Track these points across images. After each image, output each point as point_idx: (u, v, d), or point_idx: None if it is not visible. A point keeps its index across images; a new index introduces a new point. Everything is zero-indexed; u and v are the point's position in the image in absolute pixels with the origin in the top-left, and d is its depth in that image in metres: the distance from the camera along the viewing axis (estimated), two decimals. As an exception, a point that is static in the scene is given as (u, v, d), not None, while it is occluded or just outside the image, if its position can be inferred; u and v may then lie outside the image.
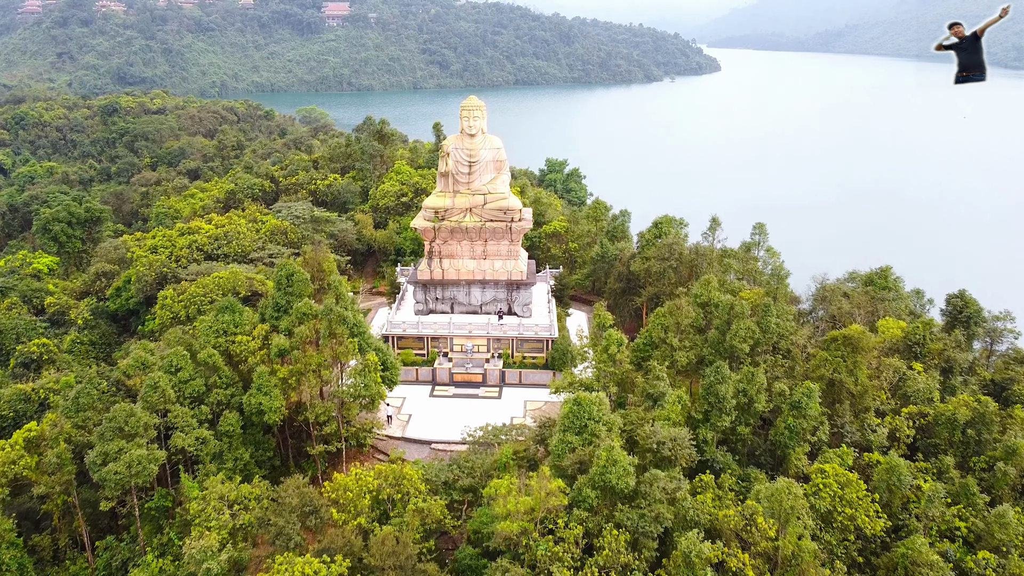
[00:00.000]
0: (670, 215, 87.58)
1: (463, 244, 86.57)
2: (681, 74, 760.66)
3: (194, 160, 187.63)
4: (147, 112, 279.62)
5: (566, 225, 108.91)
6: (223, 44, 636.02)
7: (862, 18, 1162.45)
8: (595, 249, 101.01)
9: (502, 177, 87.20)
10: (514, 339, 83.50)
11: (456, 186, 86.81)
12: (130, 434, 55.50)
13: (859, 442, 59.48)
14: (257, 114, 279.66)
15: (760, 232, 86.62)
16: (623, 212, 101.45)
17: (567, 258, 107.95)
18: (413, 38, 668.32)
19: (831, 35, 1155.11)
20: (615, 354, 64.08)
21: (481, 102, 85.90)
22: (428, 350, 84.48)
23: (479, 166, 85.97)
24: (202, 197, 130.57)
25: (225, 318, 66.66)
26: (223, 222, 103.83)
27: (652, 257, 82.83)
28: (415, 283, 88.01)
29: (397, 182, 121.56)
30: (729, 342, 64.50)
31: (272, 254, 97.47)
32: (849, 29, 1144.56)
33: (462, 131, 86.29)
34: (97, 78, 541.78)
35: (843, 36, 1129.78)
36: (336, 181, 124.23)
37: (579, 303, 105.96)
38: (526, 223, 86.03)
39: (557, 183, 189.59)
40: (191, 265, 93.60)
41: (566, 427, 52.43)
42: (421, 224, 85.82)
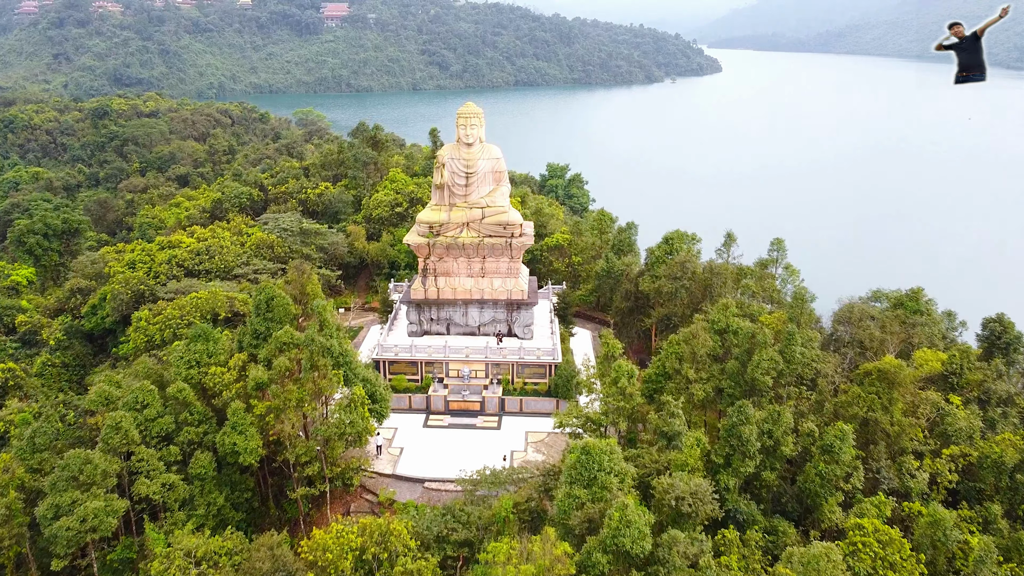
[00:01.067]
0: (681, 230, 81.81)
1: (460, 261, 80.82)
2: (682, 75, 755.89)
3: (184, 165, 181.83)
4: (140, 115, 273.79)
5: (569, 238, 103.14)
6: (221, 45, 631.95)
7: (863, 18, 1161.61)
8: (600, 264, 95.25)
9: (501, 189, 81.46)
10: (514, 364, 77.73)
11: (452, 199, 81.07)
12: (86, 483, 49.76)
13: (897, 489, 53.71)
14: (252, 117, 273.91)
15: (778, 248, 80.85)
16: (630, 225, 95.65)
17: (570, 272, 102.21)
18: (412, 39, 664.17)
19: (832, 35, 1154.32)
20: (625, 387, 58.35)
21: (479, 109, 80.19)
22: (422, 375, 78.72)
23: (477, 177, 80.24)
24: (188, 206, 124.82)
25: (198, 347, 60.88)
26: (205, 235, 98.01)
27: (663, 276, 77.06)
28: (408, 303, 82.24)
29: (391, 191, 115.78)
30: (750, 374, 58.78)
31: (257, 270, 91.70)
32: (850, 29, 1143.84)
33: (458, 140, 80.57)
34: (93, 79, 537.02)
35: (844, 36, 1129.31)
36: (328, 190, 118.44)
37: (583, 320, 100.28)
38: (527, 239, 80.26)
39: (558, 189, 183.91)
40: (170, 282, 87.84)
41: (573, 479, 46.65)
42: (415, 240, 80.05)
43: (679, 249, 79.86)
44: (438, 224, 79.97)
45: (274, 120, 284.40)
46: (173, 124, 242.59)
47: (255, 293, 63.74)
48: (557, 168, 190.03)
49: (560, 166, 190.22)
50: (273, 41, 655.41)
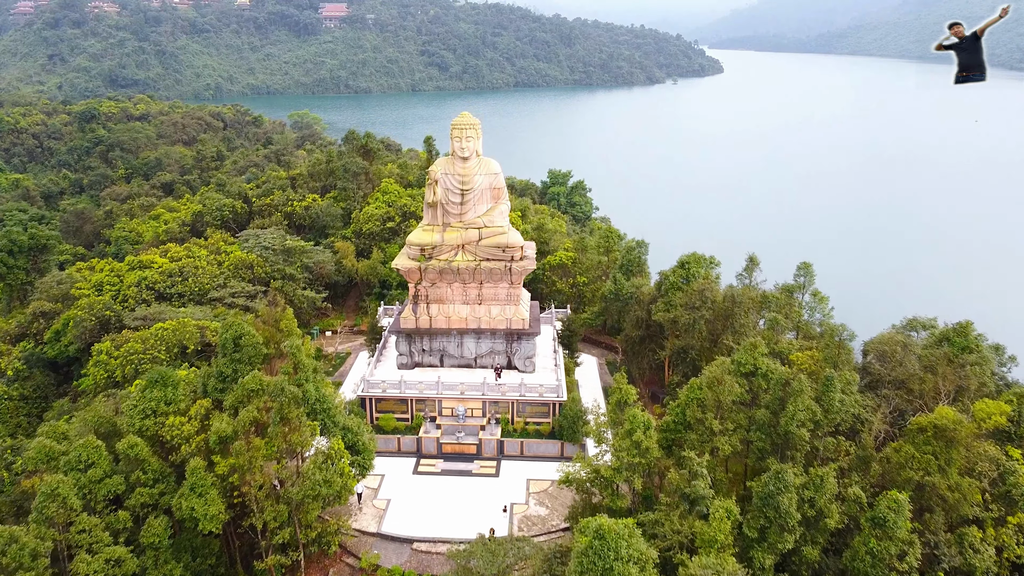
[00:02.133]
0: (698, 252, 74.34)
1: (454, 287, 73.40)
2: (683, 76, 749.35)
3: (170, 172, 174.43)
4: (130, 118, 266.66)
5: (573, 255, 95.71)
6: (218, 46, 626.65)
7: (864, 19, 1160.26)
8: (607, 285, 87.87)
9: (500, 207, 74.04)
10: (514, 402, 70.30)
11: (446, 218, 73.67)
12: (10, 567, 42.39)
13: (959, 568, 46.30)
14: (245, 120, 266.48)
15: (805, 273, 73.44)
16: (639, 243, 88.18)
17: (574, 293, 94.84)
18: (412, 40, 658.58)
19: (833, 36, 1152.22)
20: (641, 441, 50.95)
21: (475, 119, 72.79)
22: (412, 414, 71.28)
23: (473, 195, 72.83)
24: (168, 219, 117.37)
25: (155, 394, 53.44)
26: (180, 254, 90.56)
27: (679, 305, 69.64)
28: (398, 332, 74.80)
29: (383, 203, 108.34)
30: (784, 427, 51.38)
31: (235, 293, 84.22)
32: (851, 30, 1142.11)
33: (453, 153, 73.17)
34: (88, 81, 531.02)
35: (845, 37, 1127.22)
36: (315, 203, 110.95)
37: (589, 344, 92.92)
38: (528, 263, 72.82)
39: (560, 197, 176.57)
40: (139, 307, 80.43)
41: (584, 568, 39.20)
42: (404, 264, 72.61)
43: (696, 274, 72.45)
44: (430, 246, 72.56)
45: (268, 123, 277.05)
46: (163, 128, 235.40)
47: (221, 330, 56.35)
48: (559, 175, 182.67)
49: (562, 173, 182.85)
50: (271, 42, 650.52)
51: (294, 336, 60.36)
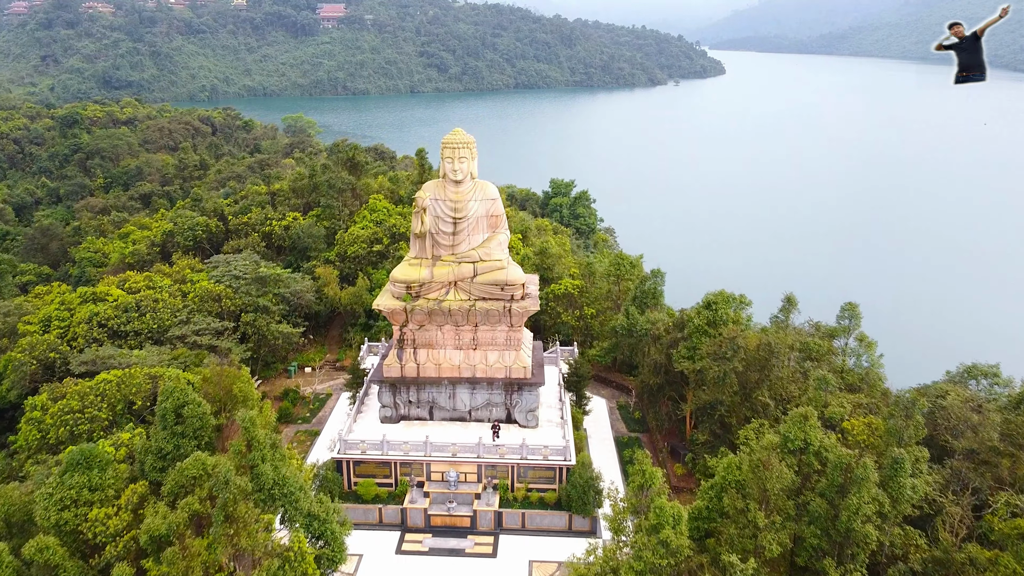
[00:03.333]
0: (726, 291, 64.63)
1: (445, 330, 63.70)
2: (685, 77, 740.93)
3: (151, 182, 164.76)
4: (116, 123, 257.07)
5: (580, 284, 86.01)
6: (214, 46, 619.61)
7: (865, 20, 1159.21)
8: (619, 319, 78.25)
9: (498, 238, 64.31)
10: (515, 466, 60.60)
11: (437, 250, 63.95)
12: None
13: None
14: (235, 125, 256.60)
15: (851, 315, 63.74)
16: (655, 272, 78.39)
17: (581, 326, 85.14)
18: (410, 40, 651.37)
19: (834, 37, 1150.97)
20: (669, 539, 41.35)
21: (469, 137, 63.05)
22: (396, 479, 61.58)
23: (467, 224, 63.14)
24: (138, 238, 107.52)
25: (76, 479, 43.80)
26: (139, 284, 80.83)
27: (707, 355, 59.96)
28: (380, 382, 65.07)
29: (371, 223, 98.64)
30: (845, 523, 41.81)
31: (199, 330, 74.44)
32: (853, 31, 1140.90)
33: (444, 176, 63.45)
34: (81, 82, 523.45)
35: (847, 39, 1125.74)
36: (296, 222, 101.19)
37: (598, 384, 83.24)
38: (531, 302, 63.06)
39: (563, 208, 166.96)
40: (89, 348, 70.70)
41: None
42: (388, 304, 62.85)
43: (723, 316, 62.73)
44: (417, 283, 62.81)
45: (259, 128, 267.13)
46: (148, 133, 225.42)
47: (161, 397, 46.69)
48: (561, 184, 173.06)
49: (565, 182, 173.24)
50: (268, 43, 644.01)
51: (252, 402, 50.67)
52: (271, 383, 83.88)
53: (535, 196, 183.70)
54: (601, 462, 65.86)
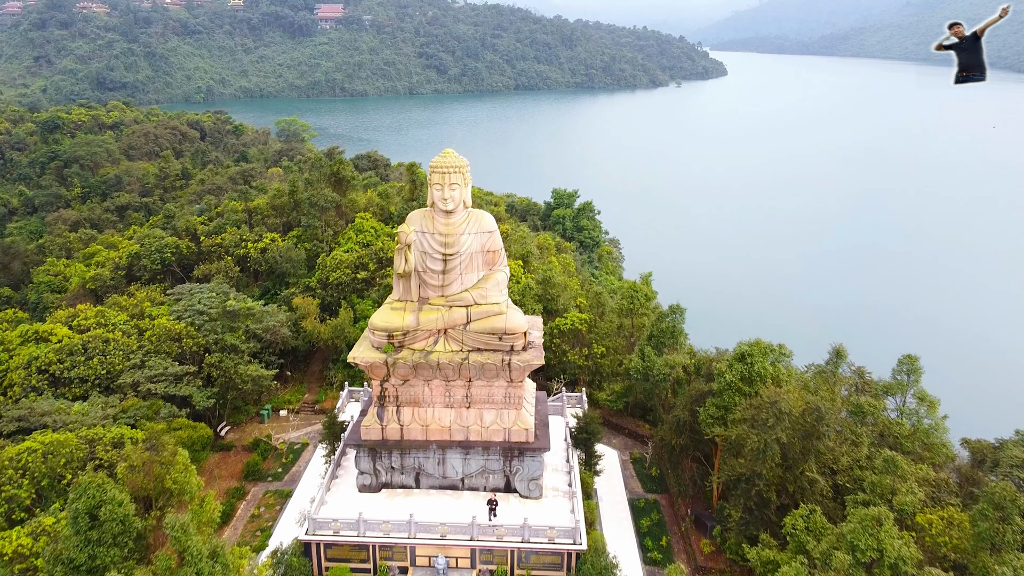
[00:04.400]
0: (762, 339, 55.36)
1: (434, 386, 54.38)
2: (687, 79, 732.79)
3: (130, 192, 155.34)
4: (101, 127, 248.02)
5: (588, 317, 76.65)
6: (210, 47, 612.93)
7: (866, 21, 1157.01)
8: (633, 360, 69.07)
9: (496, 276, 54.93)
10: (515, 550, 51.31)
11: (424, 291, 54.64)
12: None
13: None
14: (225, 129, 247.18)
15: (909, 369, 54.55)
16: (673, 308, 69.09)
17: (590, 366, 75.80)
18: (409, 41, 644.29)
19: (836, 38, 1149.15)
20: None
21: (462, 159, 53.79)
22: (375, 564, 52.26)
23: (459, 261, 53.81)
24: (102, 259, 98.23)
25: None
26: (89, 321, 71.52)
27: (742, 419, 50.70)
28: (358, 445, 55.72)
29: (356, 245, 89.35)
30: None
31: (154, 376, 65.13)
32: (854, 32, 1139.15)
33: (432, 205, 54.13)
34: (75, 83, 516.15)
35: (848, 40, 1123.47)
36: (275, 243, 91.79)
37: (609, 430, 73.88)
38: (534, 354, 53.68)
39: (566, 220, 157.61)
40: (25, 398, 61.39)
41: None
42: (366, 357, 53.49)
43: (760, 372, 53.34)
44: (400, 332, 53.46)
45: (250, 133, 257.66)
46: (133, 139, 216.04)
47: (72, 496, 37.42)
48: (564, 195, 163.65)
49: (568, 193, 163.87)
50: (265, 43, 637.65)
51: (190, 494, 41.18)
52: (241, 430, 74.60)
53: (536, 207, 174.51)
54: (615, 535, 56.67)
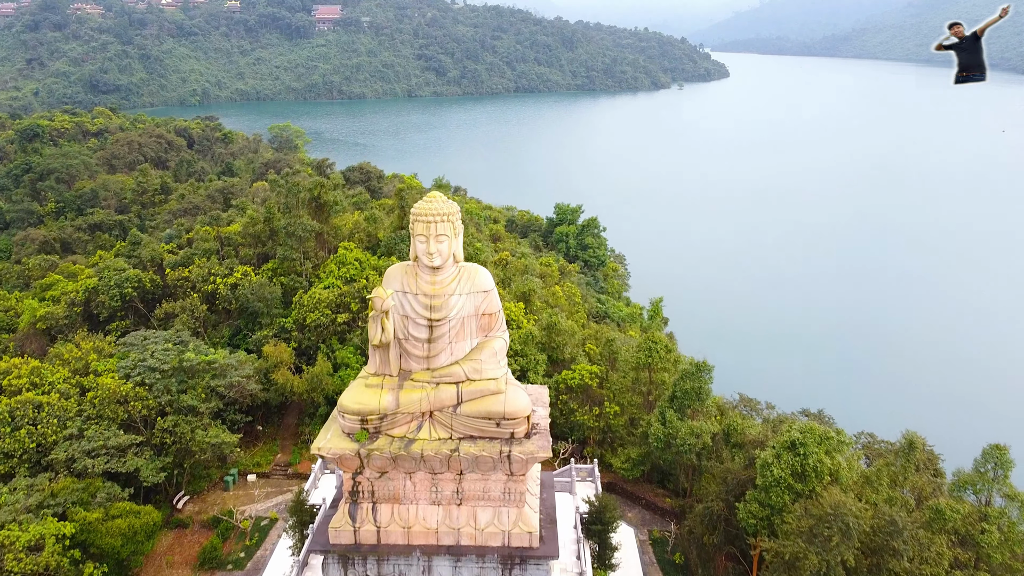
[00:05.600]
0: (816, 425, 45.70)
1: (417, 479, 44.68)
2: (689, 80, 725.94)
3: (105, 209, 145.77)
4: (85, 134, 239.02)
5: (599, 370, 67.11)
6: (206, 49, 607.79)
7: (868, 22, 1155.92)
8: (652, 423, 59.59)
9: (493, 345, 45.10)
10: None
11: (406, 362, 44.88)
12: None
13: None
14: (214, 137, 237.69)
15: (998, 460, 45.05)
16: (699, 366, 59.45)
17: (601, 427, 66.26)
18: (408, 43, 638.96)
19: (837, 39, 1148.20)
20: None
21: (451, 205, 43.60)
22: None
23: (448, 327, 44.03)
24: (58, 292, 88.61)
25: None
26: (22, 380, 61.84)
27: (797, 531, 41.21)
28: (326, 551, 46.05)
29: (338, 280, 79.85)
30: None
31: (93, 450, 55.55)
32: (856, 33, 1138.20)
33: (415, 260, 44.25)
34: (67, 86, 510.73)
35: (850, 40, 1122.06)
36: (247, 278, 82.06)
37: (624, 501, 64.44)
38: (539, 443, 43.90)
39: (569, 239, 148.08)
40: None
41: None
42: (335, 449, 43.69)
43: (817, 467, 43.82)
44: (376, 415, 43.66)
45: (240, 140, 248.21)
46: (116, 148, 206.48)
47: None
48: (567, 211, 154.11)
49: (571, 208, 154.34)
50: (262, 45, 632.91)
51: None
52: (202, 500, 65.06)
53: (538, 222, 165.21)
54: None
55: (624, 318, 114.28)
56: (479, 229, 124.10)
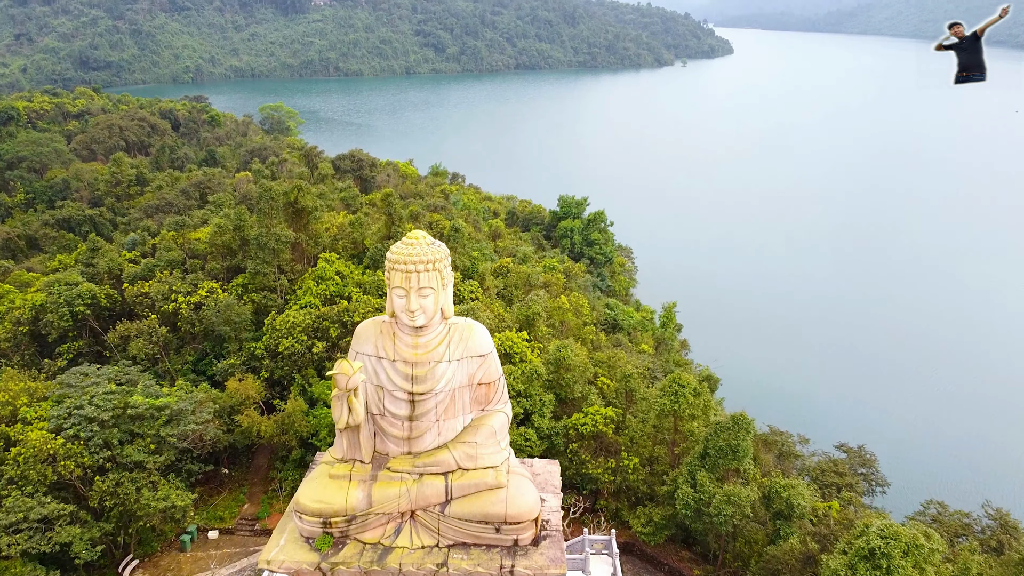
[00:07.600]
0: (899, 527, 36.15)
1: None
2: (693, 57, 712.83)
3: (77, 201, 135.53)
4: (66, 116, 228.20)
5: (614, 414, 57.70)
6: (199, 25, 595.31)
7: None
8: (679, 483, 50.37)
9: (491, 424, 35.67)
10: None
11: (382, 445, 35.53)
12: None
13: None
14: (200, 119, 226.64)
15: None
16: (736, 419, 50.12)
17: (617, 482, 56.99)
18: (406, 19, 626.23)
19: (842, 15, 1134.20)
20: None
21: (438, 250, 33.66)
22: None
23: (435, 402, 34.57)
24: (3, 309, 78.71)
25: None
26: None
27: None
28: None
29: (316, 298, 70.28)
30: None
31: (11, 525, 46.33)
32: (861, 9, 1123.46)
33: (392, 316, 34.61)
34: (56, 63, 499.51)
35: (855, 16, 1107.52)
36: (213, 296, 72.36)
37: (643, 566, 55.41)
38: (549, 556, 34.56)
39: (574, 233, 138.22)
40: None
41: None
42: (288, 561, 34.38)
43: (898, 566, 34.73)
44: (342, 517, 34.33)
45: (229, 123, 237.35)
46: (96, 132, 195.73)
47: None
48: (572, 203, 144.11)
49: (576, 201, 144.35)
50: (256, 20, 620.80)
51: None
52: (153, 565, 56.00)
53: (540, 213, 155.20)
54: None
55: (635, 326, 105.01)
56: (477, 227, 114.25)
